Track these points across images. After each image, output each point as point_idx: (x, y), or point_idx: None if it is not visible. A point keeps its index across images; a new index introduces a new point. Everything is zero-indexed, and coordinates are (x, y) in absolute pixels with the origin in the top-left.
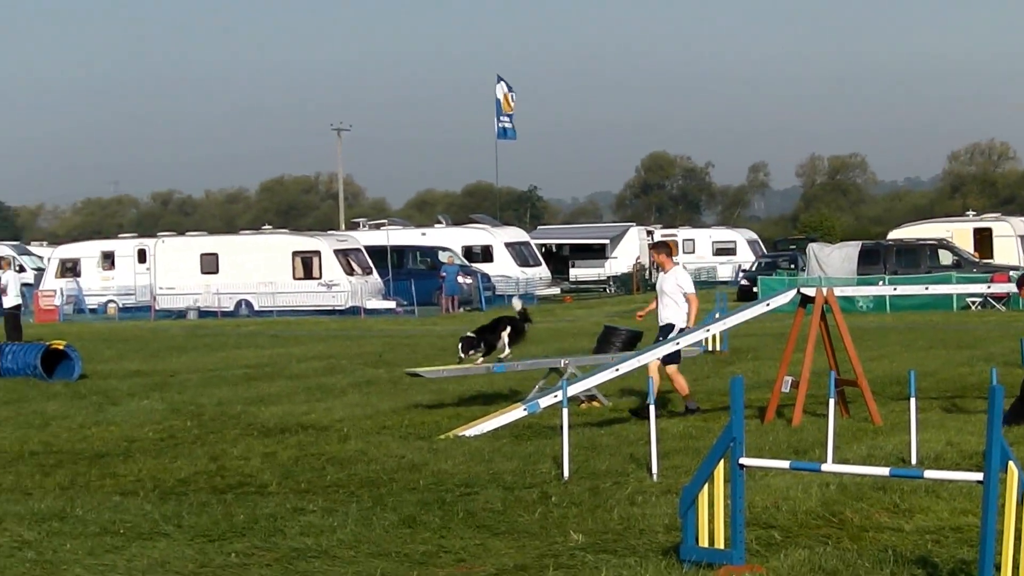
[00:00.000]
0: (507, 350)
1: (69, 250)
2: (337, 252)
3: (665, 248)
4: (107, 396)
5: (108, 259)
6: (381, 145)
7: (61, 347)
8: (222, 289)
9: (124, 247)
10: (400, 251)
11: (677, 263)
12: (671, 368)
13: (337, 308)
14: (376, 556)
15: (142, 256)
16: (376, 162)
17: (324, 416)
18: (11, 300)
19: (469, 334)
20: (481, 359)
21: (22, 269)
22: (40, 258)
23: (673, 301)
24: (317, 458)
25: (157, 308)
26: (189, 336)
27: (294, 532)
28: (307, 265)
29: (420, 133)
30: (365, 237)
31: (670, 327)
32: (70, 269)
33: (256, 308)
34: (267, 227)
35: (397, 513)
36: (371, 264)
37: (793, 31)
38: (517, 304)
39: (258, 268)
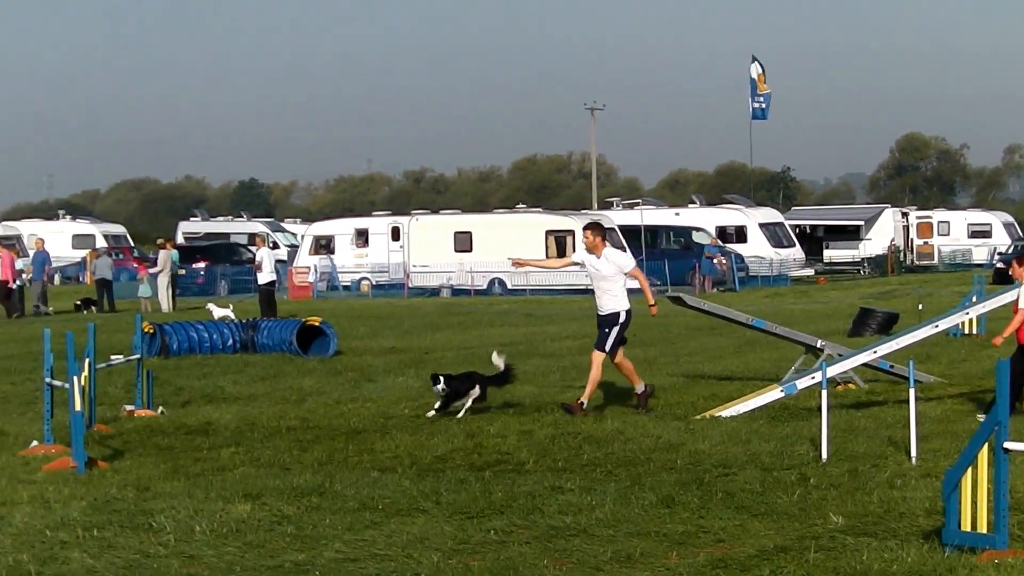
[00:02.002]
0: (464, 410)
1: (323, 227)
2: None
3: (600, 230)
4: (362, 372)
5: (362, 236)
6: (634, 124)
7: (317, 323)
8: (475, 267)
9: (378, 225)
10: (654, 231)
11: (608, 245)
12: (599, 356)
13: (589, 287)
14: (634, 535)
15: (396, 234)
16: (629, 141)
17: (580, 395)
18: (266, 277)
19: (438, 374)
20: (433, 411)
21: (276, 246)
22: (293, 235)
23: (614, 286)
24: (574, 437)
25: (410, 286)
26: (442, 314)
27: (552, 510)
28: (560, 244)
29: (673, 112)
30: (619, 216)
31: (615, 316)
32: (324, 246)
33: (509, 287)
34: (521, 206)
35: (655, 493)
36: (625, 244)
37: None
38: (499, 361)
39: (511, 246)
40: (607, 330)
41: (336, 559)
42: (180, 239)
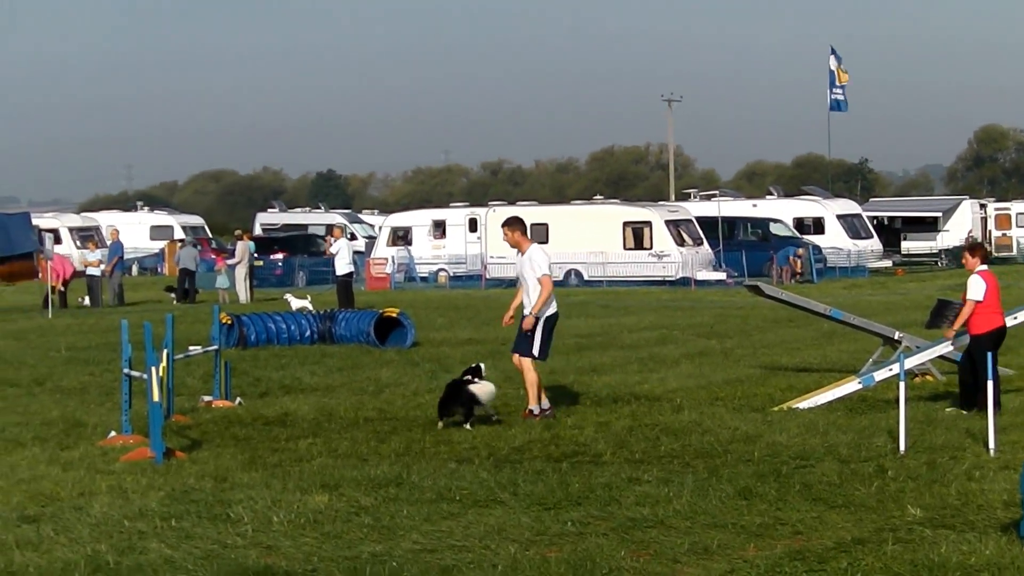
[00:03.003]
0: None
1: (401, 219)
2: (668, 223)
3: (520, 225)
4: (440, 364)
5: (439, 228)
6: (711, 115)
7: (394, 315)
8: (552, 259)
9: (455, 216)
10: (731, 222)
11: (534, 242)
12: (527, 361)
13: (667, 279)
14: (712, 527)
15: (473, 225)
16: (706, 132)
17: (657, 386)
18: (343, 268)
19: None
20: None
21: (353, 237)
22: (371, 226)
23: (538, 284)
24: (651, 428)
25: (487, 277)
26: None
27: (629, 502)
28: (638, 235)
29: (751, 103)
30: (696, 208)
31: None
32: (401, 237)
33: (586, 278)
34: (598, 197)
35: (732, 484)
36: (702, 235)
37: None
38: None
39: (588, 238)
40: (529, 334)
41: (413, 550)
42: (258, 230)
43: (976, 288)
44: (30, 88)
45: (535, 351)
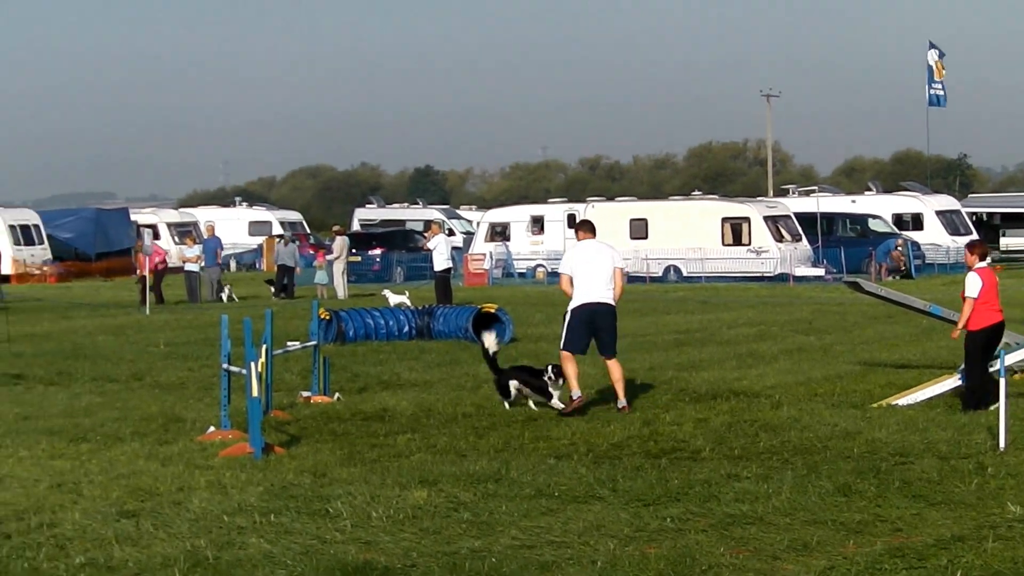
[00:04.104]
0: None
1: (499, 214)
2: (767, 218)
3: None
4: (538, 359)
5: (538, 223)
6: (810, 111)
7: (492, 310)
8: (651, 254)
9: (554, 212)
10: (830, 218)
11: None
12: (562, 352)
13: (766, 275)
14: (811, 524)
15: (571, 221)
16: (804, 128)
17: (756, 382)
18: (441, 263)
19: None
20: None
21: (451, 233)
22: (469, 222)
23: None
24: (750, 424)
25: None
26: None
27: (728, 498)
28: (736, 231)
29: (849, 99)
30: (794, 204)
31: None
32: (499, 233)
33: (684, 273)
34: (697, 193)
35: (832, 481)
36: (800, 231)
37: None
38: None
39: (687, 234)
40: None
41: (512, 546)
42: (356, 226)
43: (972, 285)
44: (127, 85)
45: (560, 342)
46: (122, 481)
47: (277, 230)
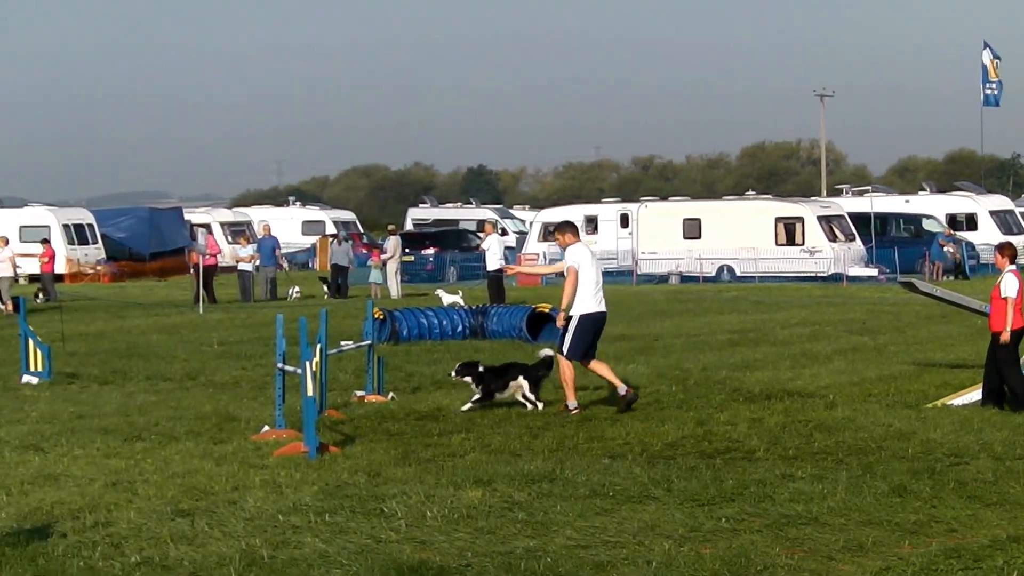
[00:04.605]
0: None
1: (552, 214)
2: (820, 218)
3: (570, 228)
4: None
5: (591, 223)
6: (863, 111)
7: (547, 310)
8: (704, 254)
9: (607, 211)
10: (883, 218)
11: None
12: (561, 358)
13: (819, 275)
14: (866, 524)
15: (624, 221)
16: (858, 128)
17: (810, 383)
18: (494, 263)
19: (476, 364)
20: (469, 405)
21: (504, 233)
22: (522, 222)
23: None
24: (804, 425)
25: (639, 272)
26: (671, 300)
27: (783, 498)
28: (790, 231)
29: (902, 98)
30: (848, 203)
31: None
32: (552, 233)
33: (738, 273)
34: (750, 193)
35: (887, 482)
36: (854, 231)
37: None
38: (542, 352)
39: (740, 234)
40: (563, 331)
41: (567, 546)
42: (409, 226)
43: (1011, 286)
44: (181, 85)
45: (564, 348)
46: (177, 480)
47: (330, 230)
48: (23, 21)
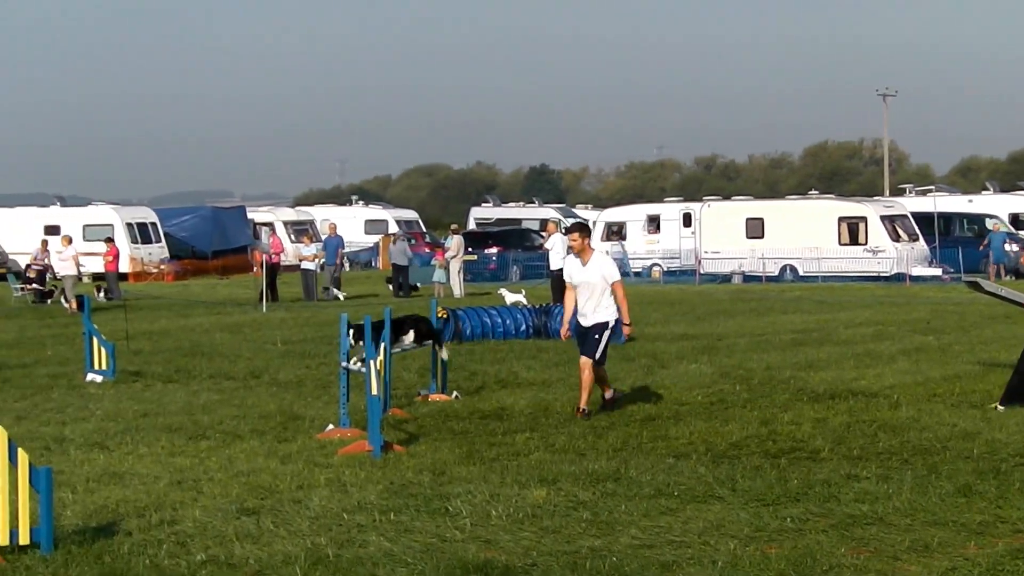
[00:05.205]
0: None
1: (615, 213)
2: (883, 218)
3: (586, 232)
4: (655, 359)
5: (654, 222)
6: (926, 110)
7: None
8: (767, 254)
9: (669, 211)
10: (947, 218)
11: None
12: (590, 363)
13: (882, 274)
14: (932, 524)
15: (687, 220)
16: (920, 127)
17: (874, 382)
18: (557, 262)
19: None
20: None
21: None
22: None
23: (604, 297)
24: (869, 424)
25: (701, 272)
26: (734, 300)
27: (848, 498)
28: (853, 231)
29: (965, 98)
30: (911, 203)
31: (605, 324)
32: (616, 232)
33: (800, 273)
34: (813, 192)
35: (952, 482)
36: (917, 231)
37: None
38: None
39: (803, 233)
40: (597, 336)
41: (632, 545)
42: (472, 225)
43: None
44: (243, 83)
45: (597, 354)
46: (242, 479)
47: (393, 229)
48: (85, 24)
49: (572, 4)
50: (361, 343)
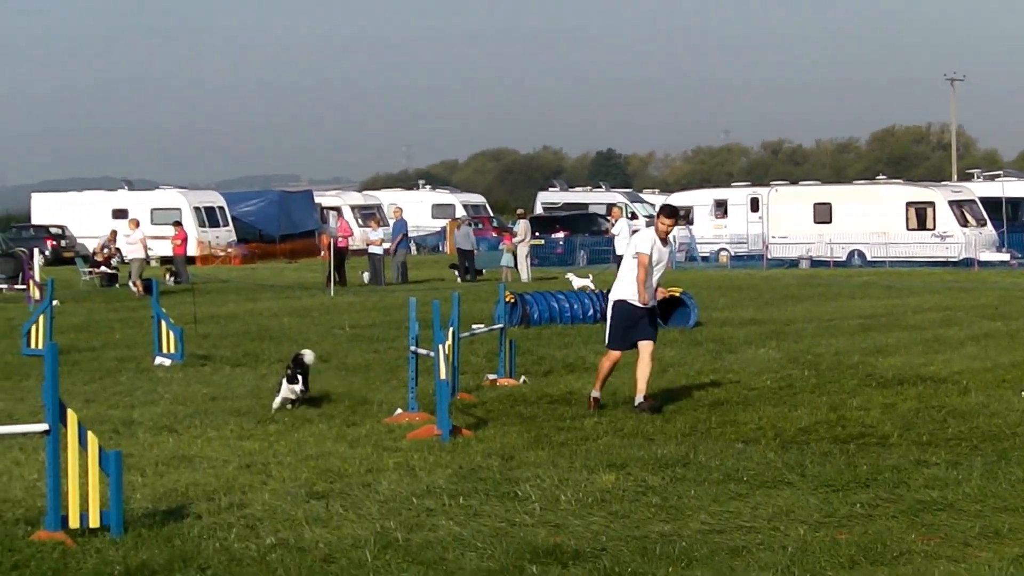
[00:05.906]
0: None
1: (682, 198)
2: (951, 203)
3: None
4: (723, 344)
5: (721, 207)
6: (994, 95)
7: (677, 294)
8: (835, 239)
9: (737, 196)
10: (1015, 203)
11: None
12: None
13: (950, 259)
14: (1002, 511)
15: (755, 205)
16: (988, 112)
17: (942, 368)
18: (624, 247)
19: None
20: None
21: (634, 217)
22: (651, 206)
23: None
24: (938, 410)
25: (769, 257)
26: (802, 285)
27: (918, 484)
28: (920, 216)
29: None
30: (979, 188)
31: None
32: (683, 217)
33: (868, 258)
34: (881, 177)
35: (1022, 468)
36: (985, 215)
37: None
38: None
39: (871, 218)
40: (658, 319)
41: (702, 530)
42: (539, 209)
43: None
44: (310, 69)
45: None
46: (311, 462)
47: (460, 213)
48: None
49: None
50: (296, 384)
